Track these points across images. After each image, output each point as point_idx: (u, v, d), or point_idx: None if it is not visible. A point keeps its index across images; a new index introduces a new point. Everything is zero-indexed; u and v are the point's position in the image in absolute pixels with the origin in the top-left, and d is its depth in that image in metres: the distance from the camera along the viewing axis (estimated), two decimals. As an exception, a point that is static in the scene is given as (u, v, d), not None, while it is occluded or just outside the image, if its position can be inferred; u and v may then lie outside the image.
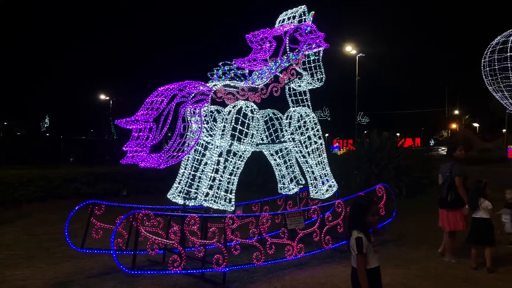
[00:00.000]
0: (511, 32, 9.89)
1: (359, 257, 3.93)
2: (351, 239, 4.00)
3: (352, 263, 4.10)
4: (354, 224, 4.09)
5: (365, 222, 4.13)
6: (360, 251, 3.92)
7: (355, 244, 3.94)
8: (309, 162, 7.90)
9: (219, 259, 6.19)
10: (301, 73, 7.99)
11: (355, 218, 4.13)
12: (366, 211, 4.19)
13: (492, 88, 10.50)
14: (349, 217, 4.29)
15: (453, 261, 7.26)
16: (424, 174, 14.67)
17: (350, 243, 4.01)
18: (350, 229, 4.09)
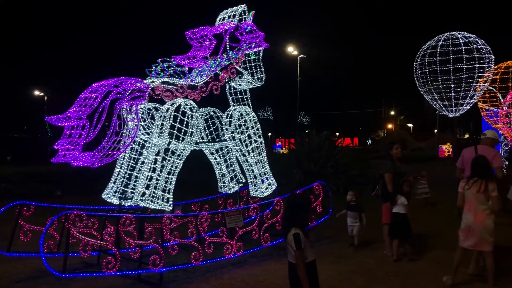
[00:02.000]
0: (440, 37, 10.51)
1: (297, 252, 4.02)
2: (288, 236, 4.08)
3: (290, 258, 4.17)
4: (291, 222, 4.17)
5: (302, 219, 4.24)
6: (298, 247, 4.01)
7: (293, 241, 4.02)
8: (249, 161, 7.94)
9: (156, 260, 6.07)
10: (241, 72, 8.01)
11: (292, 216, 4.21)
12: (303, 209, 4.31)
13: (423, 90, 11.10)
14: (286, 215, 4.38)
15: (389, 254, 7.54)
16: (360, 172, 15.19)
17: (287, 239, 4.09)
18: (287, 227, 4.17)
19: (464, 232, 5.95)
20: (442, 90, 10.81)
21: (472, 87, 10.53)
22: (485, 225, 5.78)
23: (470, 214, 5.86)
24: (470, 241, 5.87)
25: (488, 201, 5.80)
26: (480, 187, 5.77)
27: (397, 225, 7.26)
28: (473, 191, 5.83)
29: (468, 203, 5.89)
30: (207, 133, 7.79)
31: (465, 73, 10.40)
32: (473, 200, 5.84)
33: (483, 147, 6.89)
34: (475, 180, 5.85)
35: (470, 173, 6.02)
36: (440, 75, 10.59)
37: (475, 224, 5.81)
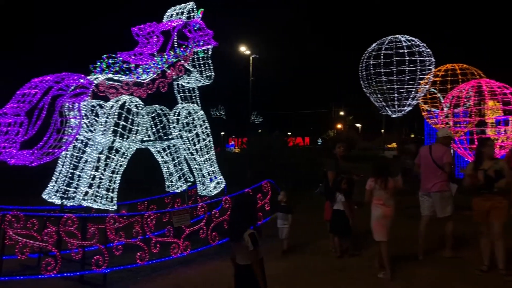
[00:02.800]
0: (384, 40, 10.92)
1: (254, 252, 4.05)
2: (244, 236, 4.06)
3: (239, 260, 4.16)
4: (245, 221, 4.17)
5: (255, 218, 4.30)
6: (256, 245, 4.05)
7: (250, 240, 4.03)
8: (197, 159, 7.89)
9: (99, 260, 5.93)
10: (189, 69, 7.95)
11: (245, 215, 4.22)
12: (254, 208, 4.36)
13: (368, 91, 11.50)
14: (237, 214, 4.32)
15: (332, 250, 7.73)
16: (310, 171, 15.46)
17: (244, 239, 4.06)
18: (240, 226, 4.14)
19: (376, 225, 6.51)
20: (386, 91, 11.20)
21: (414, 89, 10.97)
22: (392, 218, 6.50)
23: (379, 208, 6.48)
24: (382, 233, 6.44)
25: (392, 197, 6.50)
26: (383, 184, 6.46)
27: (337, 221, 7.44)
28: (380, 189, 6.48)
29: (377, 199, 6.52)
30: (153, 131, 7.68)
31: (408, 75, 10.82)
32: (380, 196, 6.48)
33: (436, 145, 7.53)
34: (379, 178, 6.51)
35: (374, 173, 6.67)
36: (384, 76, 10.96)
37: (385, 218, 6.45)
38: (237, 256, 4.18)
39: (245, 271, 4.11)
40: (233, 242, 4.20)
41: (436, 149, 7.41)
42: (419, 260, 7.19)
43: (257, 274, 4.07)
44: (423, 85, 11.33)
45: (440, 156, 7.25)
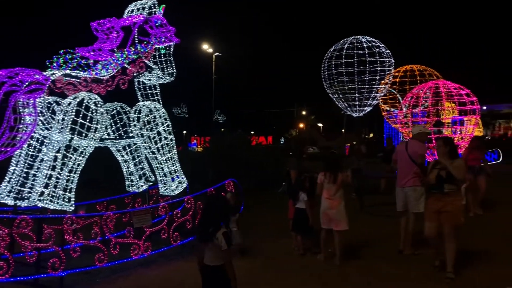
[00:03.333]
0: (346, 41, 11.09)
1: (227, 251, 3.99)
2: (218, 235, 3.99)
3: (208, 261, 4.08)
4: (218, 220, 4.10)
5: (227, 217, 4.28)
6: (230, 244, 4.00)
7: (224, 239, 3.98)
8: (159, 158, 7.74)
9: (56, 263, 5.71)
10: (151, 66, 7.78)
11: (219, 214, 4.15)
12: (225, 207, 4.31)
13: (330, 91, 11.64)
14: (210, 213, 4.21)
15: (296, 248, 7.76)
16: (273, 170, 15.51)
17: (215, 239, 3.99)
18: (211, 226, 4.06)
19: (323, 216, 7.05)
20: (347, 91, 11.37)
21: (374, 89, 11.20)
22: (338, 209, 6.93)
23: (327, 201, 6.99)
24: (328, 223, 6.99)
25: (340, 190, 6.98)
26: (332, 178, 6.93)
27: (299, 220, 7.49)
28: (329, 182, 6.95)
29: (326, 192, 6.99)
30: (113, 129, 7.47)
31: (368, 76, 11.03)
32: (329, 189, 6.96)
33: (412, 141, 7.72)
34: (328, 173, 6.98)
35: (324, 168, 7.15)
36: (346, 76, 11.13)
37: (331, 209, 6.93)
38: (206, 256, 4.09)
39: (214, 272, 4.04)
40: (203, 242, 4.10)
41: (412, 145, 7.53)
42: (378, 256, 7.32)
43: (230, 274, 4.02)
44: (383, 86, 11.58)
45: (415, 151, 7.38)
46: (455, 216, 6.18)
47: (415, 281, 6.20)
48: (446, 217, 6.18)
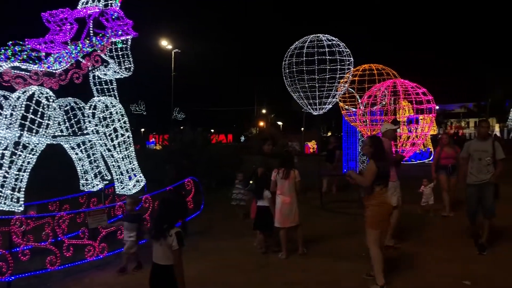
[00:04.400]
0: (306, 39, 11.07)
1: (178, 251, 3.87)
2: (170, 234, 3.87)
3: (159, 259, 3.95)
4: (172, 219, 3.98)
5: (182, 215, 4.19)
6: (182, 245, 3.89)
7: (177, 239, 3.86)
8: (115, 156, 7.46)
9: (2, 267, 5.37)
10: (107, 60, 7.49)
11: (173, 212, 4.02)
12: (182, 205, 4.18)
13: (291, 89, 11.58)
14: (164, 211, 4.06)
15: (258, 247, 7.68)
16: (234, 168, 15.38)
17: (169, 236, 3.87)
18: (165, 225, 3.92)
19: (278, 213, 7.11)
20: (308, 89, 11.38)
21: (334, 87, 11.26)
22: (290, 204, 7.05)
23: (279, 197, 7.08)
24: (284, 221, 7.04)
25: (294, 187, 7.10)
26: (284, 174, 7.05)
27: (261, 218, 7.43)
28: (282, 178, 7.06)
29: (280, 188, 7.08)
30: (67, 125, 7.16)
31: (328, 74, 11.08)
32: (283, 186, 7.06)
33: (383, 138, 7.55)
34: (282, 170, 7.08)
35: (279, 165, 7.22)
36: (306, 75, 11.13)
37: (284, 205, 7.03)
38: (155, 254, 3.97)
39: (163, 271, 3.91)
40: (155, 240, 3.96)
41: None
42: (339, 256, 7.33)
43: (178, 275, 3.89)
44: (342, 84, 11.68)
45: (388, 148, 7.33)
46: (371, 221, 5.72)
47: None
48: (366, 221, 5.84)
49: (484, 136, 7.43)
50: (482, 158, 7.18)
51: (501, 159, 7.22)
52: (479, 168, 7.20)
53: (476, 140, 7.61)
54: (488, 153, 7.18)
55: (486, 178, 7.16)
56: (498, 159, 7.21)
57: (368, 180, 5.72)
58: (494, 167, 7.19)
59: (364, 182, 5.81)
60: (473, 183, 7.29)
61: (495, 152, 7.20)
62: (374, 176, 5.65)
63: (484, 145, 7.28)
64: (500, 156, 7.22)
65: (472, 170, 7.29)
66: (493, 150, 7.19)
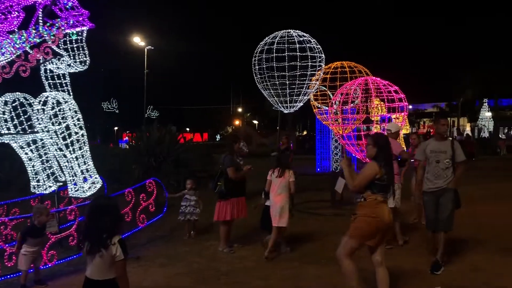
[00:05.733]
0: (276, 35, 10.78)
1: (123, 263, 3.46)
2: (113, 243, 3.42)
3: (95, 275, 3.46)
4: (108, 228, 3.47)
5: (121, 222, 3.75)
6: (127, 254, 3.48)
7: (121, 248, 3.43)
8: (68, 156, 6.92)
9: None
10: (60, 53, 6.96)
11: (112, 219, 3.52)
12: (119, 210, 3.72)
13: (261, 87, 11.27)
14: (101, 219, 3.51)
15: (225, 250, 7.30)
16: (203, 168, 14.93)
17: (108, 249, 3.40)
18: (103, 234, 3.44)
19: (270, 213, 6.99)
20: (278, 87, 11.05)
21: (305, 85, 10.96)
22: (280, 205, 6.91)
23: (271, 195, 7.03)
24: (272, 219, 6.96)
25: (287, 187, 7.01)
26: (279, 173, 7.00)
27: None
28: (277, 178, 7.00)
29: (273, 188, 7.02)
30: (15, 123, 6.61)
31: (299, 71, 10.78)
32: (276, 185, 7.00)
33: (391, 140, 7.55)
34: (278, 169, 7.05)
35: (275, 165, 7.23)
36: (276, 71, 10.80)
37: (275, 204, 6.94)
38: (93, 269, 3.46)
39: (103, 287, 3.45)
40: (91, 254, 3.47)
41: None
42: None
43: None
44: (314, 82, 11.39)
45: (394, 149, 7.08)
46: (354, 232, 4.81)
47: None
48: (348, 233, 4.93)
49: (443, 135, 6.55)
50: (440, 161, 6.27)
51: (461, 161, 6.35)
52: (436, 172, 6.28)
53: (433, 140, 6.56)
54: (446, 154, 6.27)
55: (444, 184, 6.25)
56: (458, 161, 6.32)
57: (359, 184, 4.76)
58: (453, 171, 6.30)
59: (351, 184, 4.84)
60: (428, 190, 6.36)
61: (455, 153, 6.29)
62: (369, 182, 4.70)
63: (442, 145, 6.35)
64: (460, 158, 6.33)
65: (428, 174, 6.36)
66: (453, 151, 6.29)
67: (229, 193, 7.34)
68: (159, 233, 8.54)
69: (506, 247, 7.30)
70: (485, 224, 9.08)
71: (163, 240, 8.15)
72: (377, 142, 4.88)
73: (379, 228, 4.71)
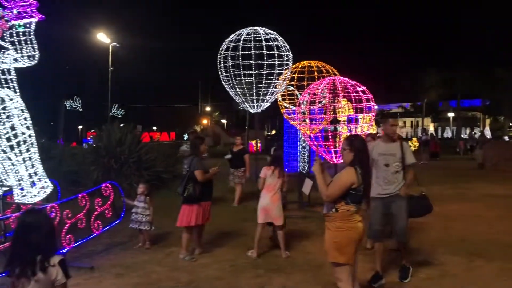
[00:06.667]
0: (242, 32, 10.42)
1: (65, 285, 3.06)
2: (53, 264, 2.99)
3: None
4: (44, 248, 3.04)
5: (53, 241, 3.22)
6: (68, 276, 3.07)
7: (62, 270, 3.02)
8: (13, 159, 6.35)
9: None
10: (5, 46, 6.39)
11: (43, 239, 3.05)
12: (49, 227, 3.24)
13: (227, 85, 10.87)
14: (30, 241, 3.03)
15: (186, 258, 6.90)
16: (167, 169, 14.42)
17: (45, 272, 2.96)
18: (42, 252, 3.00)
19: (262, 211, 7.01)
20: (245, 86, 10.70)
21: (272, 84, 10.65)
22: (277, 204, 6.99)
23: (268, 195, 6.98)
24: (265, 217, 6.99)
25: (280, 187, 7.04)
26: (278, 173, 7.02)
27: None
28: (273, 177, 6.99)
29: (267, 187, 6.99)
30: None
31: (266, 70, 10.45)
32: (272, 185, 6.99)
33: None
34: (276, 168, 7.05)
35: (271, 163, 7.25)
36: (243, 70, 10.44)
37: (271, 204, 6.94)
38: None
39: None
40: (23, 278, 2.99)
41: None
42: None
43: None
44: (281, 81, 11.09)
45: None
46: (330, 247, 4.35)
47: None
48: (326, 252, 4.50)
49: (391, 136, 5.97)
50: (389, 164, 5.78)
51: (411, 164, 5.91)
52: (386, 177, 5.78)
53: (381, 142, 6.12)
54: (396, 157, 5.76)
55: (395, 190, 5.76)
56: (407, 164, 5.86)
57: (333, 194, 4.23)
58: (403, 175, 5.83)
59: (324, 193, 4.29)
60: (377, 196, 5.72)
61: (404, 155, 5.82)
62: (344, 191, 4.21)
63: (391, 147, 5.85)
64: (410, 160, 5.89)
65: (377, 179, 5.76)
66: (402, 154, 5.81)
67: (199, 196, 6.98)
68: (117, 240, 8.04)
69: (474, 250, 7.23)
70: (453, 226, 9.04)
71: (121, 248, 7.65)
72: (354, 145, 4.38)
73: (354, 240, 4.28)
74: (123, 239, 8.07)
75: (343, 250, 4.22)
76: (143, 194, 7.64)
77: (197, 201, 6.99)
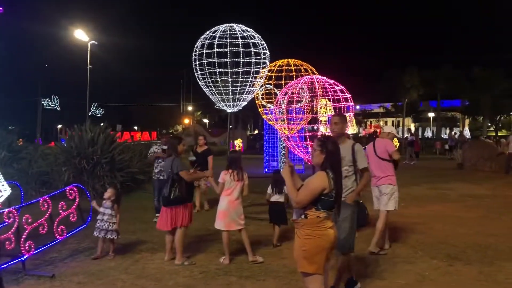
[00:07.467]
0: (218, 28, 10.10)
1: None
2: None
3: None
4: None
5: None
6: None
7: None
8: (-33, 161, 5.94)
9: None
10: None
11: None
12: None
13: (202, 84, 10.55)
14: None
15: (186, 263, 6.60)
16: (141, 169, 14.03)
17: None
18: None
19: (220, 215, 6.68)
20: (220, 84, 10.38)
21: (249, 83, 10.36)
22: (236, 209, 6.66)
23: (226, 199, 6.64)
24: (223, 222, 6.65)
25: (241, 190, 6.76)
26: (239, 176, 6.71)
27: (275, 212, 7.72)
28: (235, 180, 6.67)
29: (226, 191, 6.67)
30: None
31: (242, 68, 10.15)
32: (230, 188, 6.66)
33: (379, 139, 7.43)
34: (233, 171, 6.70)
35: (229, 166, 6.75)
36: (218, 68, 10.11)
37: (229, 208, 6.61)
38: None
39: None
40: None
41: (380, 142, 7.33)
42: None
43: None
44: (258, 80, 10.81)
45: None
46: (300, 256, 3.99)
47: None
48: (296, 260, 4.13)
49: (337, 137, 5.31)
50: None
51: (363, 168, 5.48)
52: None
53: None
54: (345, 160, 5.16)
55: (343, 197, 4.87)
56: (360, 168, 5.44)
57: (303, 200, 3.90)
58: (355, 181, 5.41)
59: (294, 199, 3.96)
60: None
61: (356, 158, 5.39)
62: (315, 197, 3.90)
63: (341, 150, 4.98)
64: (362, 164, 5.45)
65: None
66: (353, 157, 5.37)
67: (186, 197, 6.79)
68: (84, 245, 7.64)
69: (453, 253, 7.08)
70: (433, 227, 8.92)
71: (87, 254, 7.22)
72: (326, 147, 4.05)
73: (324, 248, 3.93)
74: (90, 244, 7.65)
75: (313, 259, 3.89)
76: (109, 200, 7.17)
77: (183, 202, 6.73)
